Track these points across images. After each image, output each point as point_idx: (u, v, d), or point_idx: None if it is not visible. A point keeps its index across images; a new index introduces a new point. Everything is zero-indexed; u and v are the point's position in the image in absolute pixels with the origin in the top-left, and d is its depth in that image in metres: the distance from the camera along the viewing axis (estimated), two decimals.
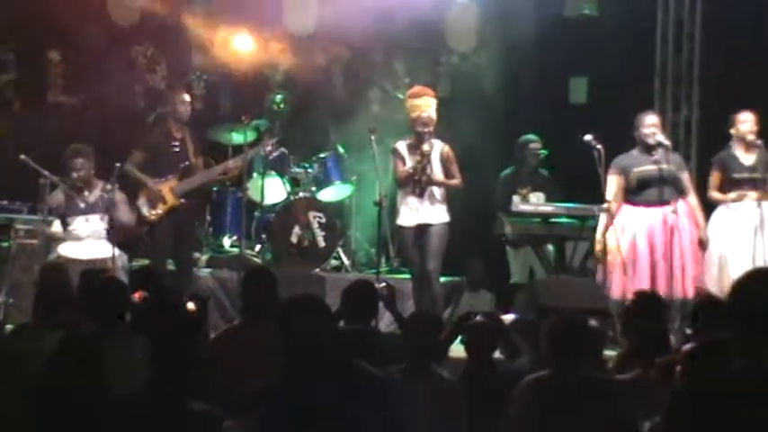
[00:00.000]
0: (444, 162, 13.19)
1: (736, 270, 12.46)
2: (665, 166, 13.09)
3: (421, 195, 13.08)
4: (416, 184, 13.05)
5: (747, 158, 13.24)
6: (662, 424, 5.85)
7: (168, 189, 13.68)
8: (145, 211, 13.64)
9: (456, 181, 13.20)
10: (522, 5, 15.76)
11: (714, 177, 13.40)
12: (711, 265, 13.14)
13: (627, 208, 13.19)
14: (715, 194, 13.33)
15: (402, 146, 13.24)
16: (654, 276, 12.89)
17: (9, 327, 9.04)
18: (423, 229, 13.07)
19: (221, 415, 6.08)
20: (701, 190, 13.54)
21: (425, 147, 13.04)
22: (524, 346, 9.23)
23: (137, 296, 9.15)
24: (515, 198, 13.79)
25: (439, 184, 13.11)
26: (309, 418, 5.69)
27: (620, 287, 12.89)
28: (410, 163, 13.11)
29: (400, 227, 13.28)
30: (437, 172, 13.13)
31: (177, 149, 13.84)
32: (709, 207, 13.37)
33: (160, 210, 13.66)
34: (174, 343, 6.05)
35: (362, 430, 5.93)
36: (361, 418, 5.92)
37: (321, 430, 5.76)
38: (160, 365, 6.00)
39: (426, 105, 13.19)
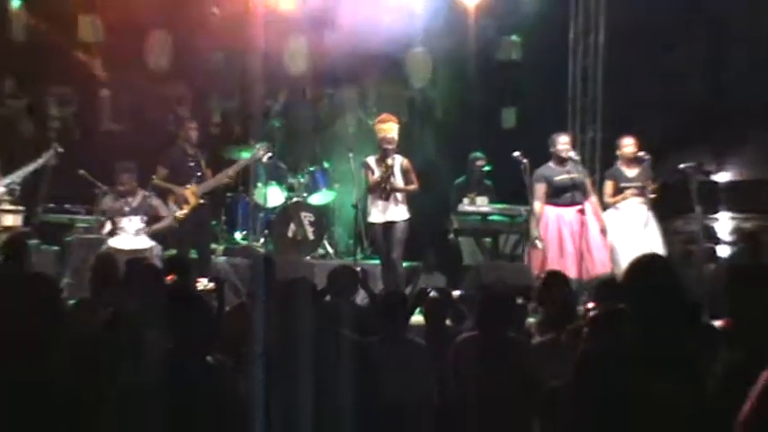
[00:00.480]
0: (405, 172, 13.22)
1: (625, 258, 12.56)
2: (574, 176, 13.16)
3: (387, 199, 13.11)
4: (383, 190, 13.08)
5: (630, 172, 13.38)
6: (572, 376, 5.83)
7: (190, 193, 13.66)
8: (176, 211, 13.66)
9: (413, 186, 13.23)
10: (463, 51, 15.80)
11: (607, 187, 13.50)
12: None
13: (548, 208, 13.24)
14: (610, 200, 13.42)
15: (371, 160, 13.25)
16: (568, 260, 12.94)
17: (71, 301, 8.95)
18: (389, 226, 13.08)
19: (231, 366, 6.08)
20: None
21: (389, 161, 13.09)
22: (468, 314, 9.25)
23: (168, 278, 9.14)
24: (465, 200, 14.09)
25: (400, 190, 13.14)
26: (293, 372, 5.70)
27: (542, 269, 12.95)
28: (378, 173, 13.13)
29: (371, 223, 13.31)
30: (399, 180, 13.15)
31: (192, 163, 13.86)
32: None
33: (186, 209, 13.64)
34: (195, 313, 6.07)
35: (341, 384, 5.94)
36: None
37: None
38: (186, 329, 6.01)
39: (390, 129, 13.21)
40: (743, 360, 5.04)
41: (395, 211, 13.13)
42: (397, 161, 13.21)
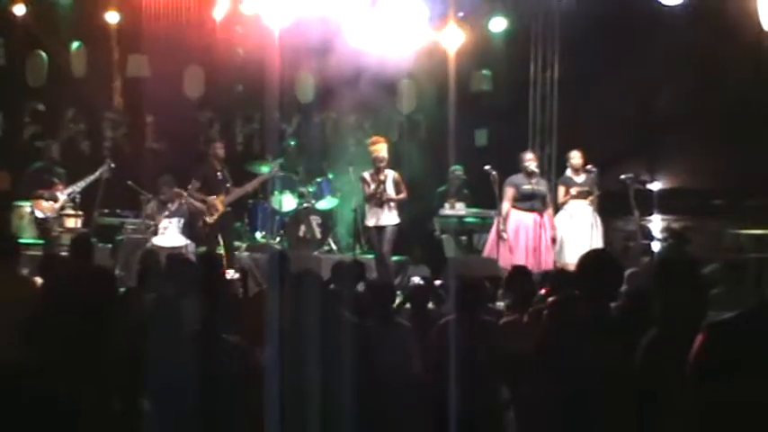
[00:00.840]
0: (396, 184, 13.32)
1: (571, 252, 12.66)
2: (536, 187, 13.25)
3: (380, 207, 13.17)
4: (377, 200, 13.14)
5: (579, 178, 13.46)
6: (534, 349, 5.88)
7: (219, 202, 13.72)
8: (206, 217, 13.70)
9: (402, 195, 13.33)
10: (441, 83, 15.84)
11: (560, 191, 13.57)
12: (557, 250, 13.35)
13: (513, 212, 13.32)
14: (562, 200, 13.49)
15: (367, 175, 13.33)
16: (527, 255, 13.00)
17: (122, 289, 8.97)
18: (381, 228, 13.16)
19: (248, 345, 6.14)
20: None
21: (381, 176, 13.18)
22: (447, 299, 9.27)
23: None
24: (446, 205, 14.16)
25: (392, 200, 13.22)
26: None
27: (506, 261, 13.00)
28: (372, 186, 13.19)
29: (368, 227, 13.37)
30: (390, 191, 13.23)
31: (220, 177, 13.91)
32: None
33: (215, 215, 13.70)
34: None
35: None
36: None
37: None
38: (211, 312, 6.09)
39: (380, 149, 13.33)
40: (665, 334, 5.10)
41: (387, 217, 13.24)
42: (390, 175, 13.30)
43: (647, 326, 5.59)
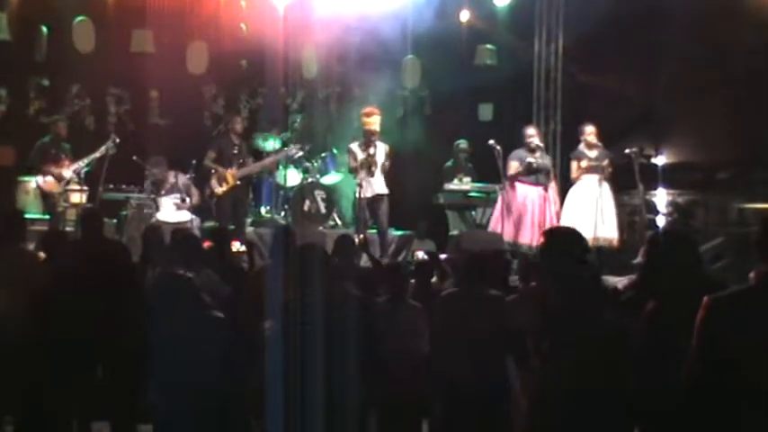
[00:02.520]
0: (387, 155, 13.19)
1: (583, 224, 12.63)
2: (539, 161, 13.22)
3: (372, 175, 13.05)
4: (367, 169, 13.02)
5: (591, 153, 13.32)
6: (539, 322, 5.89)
7: (230, 175, 13.73)
8: (216, 188, 13.72)
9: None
10: (446, 58, 15.80)
11: (573, 165, 13.48)
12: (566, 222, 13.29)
13: (519, 185, 13.31)
14: (575, 175, 13.40)
15: (355, 146, 13.25)
16: (533, 230, 13.02)
17: None
18: (378, 198, 13.09)
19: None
20: (565, 174, 13.66)
21: (371, 149, 13.05)
22: (451, 274, 9.26)
23: (205, 244, 9.16)
24: (456, 180, 14.18)
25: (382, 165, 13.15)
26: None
27: (511, 235, 13.03)
28: (361, 156, 13.06)
29: (359, 198, 13.19)
30: (380, 162, 13.11)
31: (236, 151, 13.92)
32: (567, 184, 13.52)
33: (225, 187, 13.72)
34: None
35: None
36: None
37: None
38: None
39: (374, 122, 13.15)
40: (663, 307, 5.13)
41: (379, 185, 13.13)
42: (381, 147, 13.21)
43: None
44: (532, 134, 13.50)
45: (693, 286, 5.05)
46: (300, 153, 15.04)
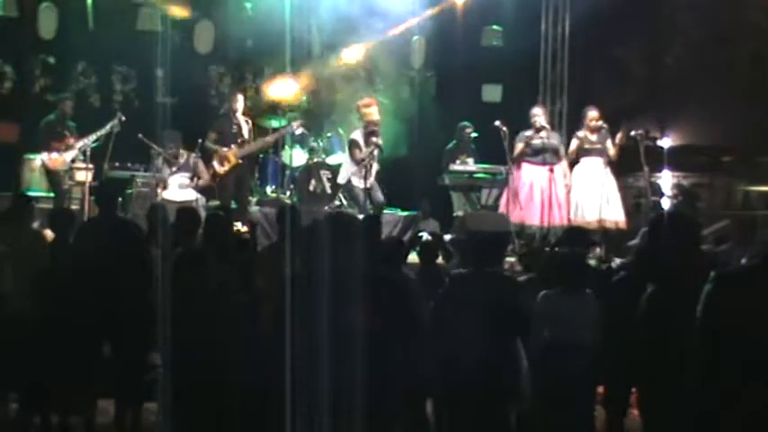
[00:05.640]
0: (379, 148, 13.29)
1: (588, 207, 12.70)
2: (546, 141, 13.25)
3: (369, 169, 13.17)
4: (369, 163, 13.14)
5: (593, 137, 13.38)
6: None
7: (232, 154, 13.74)
8: (217, 168, 13.74)
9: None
10: (453, 38, 15.80)
11: (572, 146, 13.52)
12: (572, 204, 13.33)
13: (526, 166, 13.35)
14: (572, 156, 13.45)
15: (359, 137, 13.35)
16: (542, 211, 13.07)
17: None
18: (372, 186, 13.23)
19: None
20: None
21: (377, 140, 13.15)
22: (456, 255, 9.30)
23: None
24: (458, 161, 14.04)
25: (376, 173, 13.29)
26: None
27: (518, 217, 13.08)
28: (365, 150, 13.16)
29: (353, 185, 13.40)
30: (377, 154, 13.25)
31: (236, 130, 13.93)
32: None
33: (226, 167, 13.74)
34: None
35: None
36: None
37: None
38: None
39: (373, 112, 13.31)
40: (662, 289, 5.19)
41: (374, 173, 13.24)
42: (380, 141, 13.30)
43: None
44: (538, 114, 13.53)
45: (694, 267, 5.10)
46: (301, 130, 15.03)
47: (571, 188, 13.33)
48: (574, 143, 13.54)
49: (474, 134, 14.55)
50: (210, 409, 6.49)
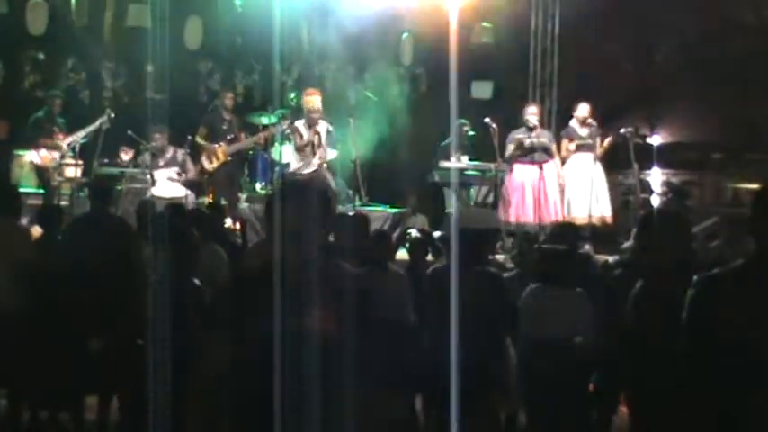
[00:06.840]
0: (329, 135, 13.40)
1: (578, 203, 12.70)
2: (536, 140, 13.25)
3: (313, 156, 13.28)
4: (311, 150, 13.24)
5: (582, 131, 13.41)
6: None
7: (221, 151, 13.75)
8: (206, 164, 13.74)
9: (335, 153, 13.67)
10: (442, 35, 15.77)
11: (564, 143, 13.51)
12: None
13: (517, 166, 13.35)
14: (565, 154, 13.45)
15: (300, 125, 13.40)
16: (535, 209, 13.09)
17: None
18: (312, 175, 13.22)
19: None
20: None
21: (317, 127, 13.24)
22: (444, 251, 9.30)
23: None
24: (453, 159, 13.98)
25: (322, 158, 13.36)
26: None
27: (509, 214, 13.09)
28: (306, 136, 13.24)
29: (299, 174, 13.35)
30: (324, 142, 13.30)
31: (226, 127, 13.92)
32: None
33: (215, 164, 13.75)
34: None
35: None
36: None
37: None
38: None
39: (314, 101, 13.31)
40: (650, 287, 5.20)
41: (315, 165, 13.28)
42: (323, 127, 13.34)
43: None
44: (532, 112, 13.54)
45: (684, 265, 5.10)
46: (286, 128, 15.03)
47: (565, 187, 13.34)
48: (564, 141, 13.52)
49: (471, 132, 14.55)
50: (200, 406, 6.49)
